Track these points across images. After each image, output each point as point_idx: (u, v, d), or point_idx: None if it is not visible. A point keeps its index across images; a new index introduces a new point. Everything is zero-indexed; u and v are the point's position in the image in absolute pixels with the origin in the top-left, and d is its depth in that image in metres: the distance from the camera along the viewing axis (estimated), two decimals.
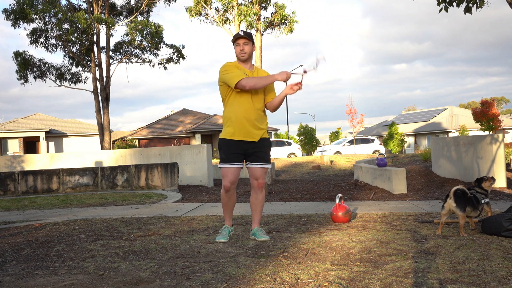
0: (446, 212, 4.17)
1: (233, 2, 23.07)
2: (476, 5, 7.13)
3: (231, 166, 4.15)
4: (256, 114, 4.17)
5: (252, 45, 4.20)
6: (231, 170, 4.15)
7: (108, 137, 22.44)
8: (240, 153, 4.17)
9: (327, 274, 2.97)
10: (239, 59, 4.23)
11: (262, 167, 4.22)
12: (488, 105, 29.15)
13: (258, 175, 4.22)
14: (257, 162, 4.20)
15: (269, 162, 4.29)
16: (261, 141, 4.21)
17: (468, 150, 9.81)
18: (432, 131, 42.32)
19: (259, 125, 4.19)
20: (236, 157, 4.16)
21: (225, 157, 4.17)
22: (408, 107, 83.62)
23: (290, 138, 40.81)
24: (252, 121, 4.14)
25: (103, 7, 22.56)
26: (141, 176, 10.58)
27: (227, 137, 4.17)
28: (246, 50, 4.17)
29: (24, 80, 21.69)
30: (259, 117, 4.19)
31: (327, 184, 11.42)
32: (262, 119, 4.24)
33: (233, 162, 4.15)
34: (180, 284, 2.88)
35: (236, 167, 4.17)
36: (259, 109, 4.21)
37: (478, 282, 2.71)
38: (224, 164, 4.17)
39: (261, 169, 4.22)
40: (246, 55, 4.18)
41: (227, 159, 4.16)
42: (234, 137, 4.14)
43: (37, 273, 3.32)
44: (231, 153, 4.15)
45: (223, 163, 4.18)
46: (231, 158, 4.15)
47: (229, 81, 4.07)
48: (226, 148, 4.18)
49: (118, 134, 48.87)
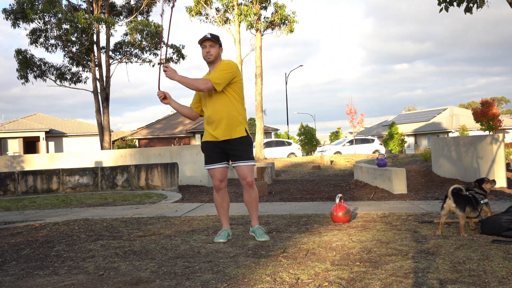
0: (446, 212, 4.17)
1: (234, 2, 23.05)
2: (476, 5, 7.12)
3: (215, 166, 4.25)
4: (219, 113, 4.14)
5: (219, 47, 4.22)
6: (217, 170, 4.25)
7: (108, 137, 22.44)
8: (219, 152, 4.23)
9: (327, 274, 2.97)
10: (205, 61, 4.24)
11: (245, 165, 4.21)
12: (488, 105, 29.15)
13: (244, 173, 4.22)
14: (239, 161, 4.21)
15: (250, 159, 4.25)
16: (240, 140, 4.19)
17: (468, 150, 9.81)
18: (432, 131, 42.32)
19: (228, 124, 4.15)
20: (217, 156, 4.24)
21: (207, 158, 4.30)
22: (408, 107, 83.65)
23: (290, 138, 40.78)
24: (219, 120, 4.14)
25: (103, 7, 22.56)
26: (141, 176, 10.58)
27: (204, 139, 4.30)
28: (212, 52, 4.18)
29: (25, 80, 21.67)
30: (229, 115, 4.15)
31: (327, 184, 11.42)
32: (231, 118, 4.16)
33: (216, 162, 4.24)
34: (180, 284, 2.88)
35: (220, 166, 4.24)
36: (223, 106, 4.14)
37: (478, 282, 2.70)
38: (208, 165, 4.28)
39: (245, 167, 4.21)
40: (212, 57, 4.19)
41: (209, 160, 4.28)
42: (208, 138, 4.24)
43: (37, 273, 3.32)
44: (210, 152, 4.26)
45: (206, 164, 4.31)
46: (213, 158, 4.25)
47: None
48: (205, 149, 4.30)
49: (118, 134, 48.85)
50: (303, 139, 36.20)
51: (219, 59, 4.24)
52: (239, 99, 4.23)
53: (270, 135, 40.36)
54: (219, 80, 4.06)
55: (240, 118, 4.20)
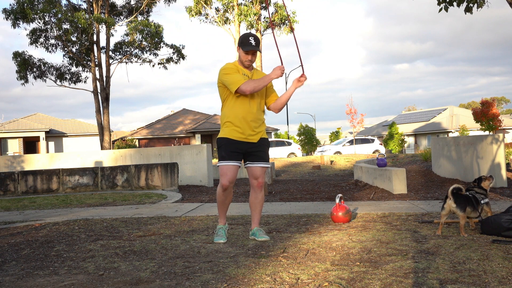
0: (446, 212, 4.17)
1: (233, 2, 23.06)
2: (476, 5, 7.13)
3: (231, 163, 4.13)
4: (255, 115, 4.18)
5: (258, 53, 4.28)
6: (231, 168, 4.14)
7: (108, 137, 22.44)
8: (240, 152, 4.18)
9: (327, 274, 2.97)
10: (244, 65, 4.24)
11: (262, 167, 4.23)
12: (488, 105, 29.14)
13: (258, 174, 4.22)
14: (257, 162, 4.21)
15: (268, 161, 4.31)
16: (260, 141, 4.23)
17: (468, 150, 9.81)
18: (432, 131, 42.32)
19: (258, 126, 4.21)
20: (237, 155, 4.17)
21: (226, 155, 4.15)
22: (408, 107, 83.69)
23: (290, 138, 40.80)
24: (252, 122, 4.16)
25: (103, 7, 22.57)
26: (141, 176, 10.58)
27: (228, 136, 4.16)
28: (254, 60, 4.25)
29: (24, 80, 21.68)
30: (258, 119, 4.22)
31: (327, 184, 11.41)
32: (261, 120, 4.26)
33: (234, 160, 4.15)
34: (180, 284, 2.88)
35: (236, 165, 4.18)
36: (258, 110, 4.23)
37: (478, 282, 2.70)
38: (224, 162, 4.14)
39: (261, 168, 4.23)
40: (251, 64, 4.26)
41: (228, 156, 4.14)
42: (234, 137, 4.14)
43: (37, 273, 3.32)
44: (231, 151, 4.14)
45: (223, 160, 4.15)
46: (232, 156, 4.14)
47: (229, 86, 4.09)
48: (226, 146, 4.16)
49: (118, 134, 48.86)
50: (303, 139, 36.20)
51: None
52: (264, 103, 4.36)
53: (270, 135, 40.34)
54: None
55: (264, 120, 4.35)
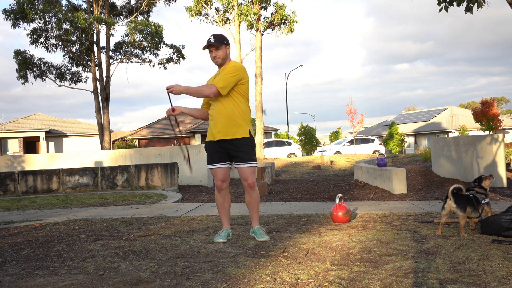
0: (446, 212, 4.17)
1: (234, 2, 23.06)
2: (476, 5, 7.13)
3: (217, 166, 4.25)
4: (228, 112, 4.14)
5: (225, 47, 4.19)
6: (219, 170, 4.26)
7: (108, 137, 22.43)
8: (222, 152, 4.23)
9: (327, 274, 2.97)
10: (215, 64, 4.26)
11: (247, 167, 4.22)
12: (488, 105, 29.14)
13: (246, 175, 4.23)
14: (240, 162, 4.22)
15: (253, 160, 4.26)
16: (242, 141, 4.19)
17: (468, 150, 9.81)
18: (432, 131, 42.32)
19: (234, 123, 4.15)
20: (220, 156, 4.24)
21: (209, 158, 4.30)
22: (408, 107, 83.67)
23: (290, 138, 40.83)
24: (226, 119, 4.14)
25: (103, 7, 22.56)
26: (141, 176, 10.58)
27: (207, 139, 4.31)
28: (219, 55, 4.18)
29: (24, 80, 21.67)
30: (232, 115, 4.14)
31: (327, 184, 11.41)
32: (237, 117, 4.16)
33: (218, 161, 4.24)
34: (180, 284, 2.88)
35: (222, 166, 4.25)
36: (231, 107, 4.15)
37: (478, 282, 2.70)
38: (211, 165, 4.28)
39: (246, 168, 4.22)
40: (220, 60, 4.20)
41: (212, 159, 4.28)
42: (213, 138, 4.23)
43: (37, 273, 3.32)
44: (213, 152, 4.26)
45: (209, 164, 4.30)
46: (215, 158, 4.25)
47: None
48: (208, 149, 4.32)
49: (118, 134, 48.85)
50: (303, 139, 36.21)
51: (228, 59, 4.25)
52: (244, 100, 4.22)
53: (270, 135, 40.34)
54: (223, 84, 4.06)
55: (243, 119, 4.19)
